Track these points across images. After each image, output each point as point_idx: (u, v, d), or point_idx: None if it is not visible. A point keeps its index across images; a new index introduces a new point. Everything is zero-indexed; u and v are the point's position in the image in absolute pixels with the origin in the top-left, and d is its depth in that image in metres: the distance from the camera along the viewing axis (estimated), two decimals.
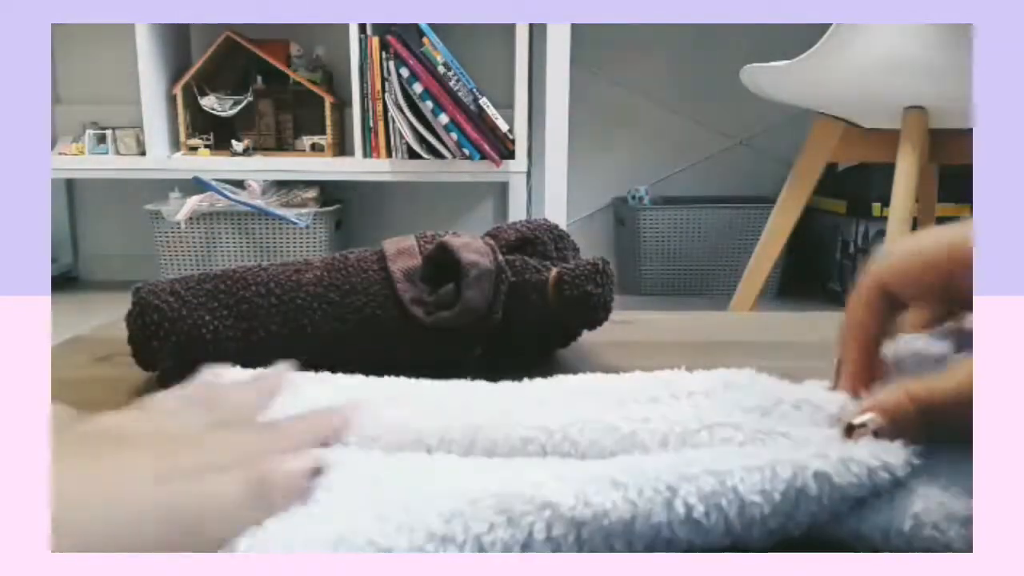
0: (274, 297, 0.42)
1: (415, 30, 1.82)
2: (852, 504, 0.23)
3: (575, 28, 1.80)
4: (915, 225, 1.48)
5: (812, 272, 2.16)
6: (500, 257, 0.43)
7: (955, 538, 0.23)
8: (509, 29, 1.82)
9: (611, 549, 0.22)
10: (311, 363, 0.37)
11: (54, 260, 2.22)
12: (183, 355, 0.41)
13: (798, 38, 1.42)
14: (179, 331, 0.41)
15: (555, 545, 0.22)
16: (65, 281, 2.25)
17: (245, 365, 0.38)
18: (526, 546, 0.21)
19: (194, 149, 1.94)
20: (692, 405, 0.30)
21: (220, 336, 0.41)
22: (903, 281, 0.29)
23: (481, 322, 0.42)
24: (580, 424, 0.28)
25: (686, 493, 0.22)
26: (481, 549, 0.21)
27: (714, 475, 0.23)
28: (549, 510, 0.22)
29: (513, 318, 0.43)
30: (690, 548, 0.23)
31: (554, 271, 0.43)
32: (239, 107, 1.97)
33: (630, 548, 0.22)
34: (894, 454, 0.24)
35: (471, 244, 0.43)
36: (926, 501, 0.23)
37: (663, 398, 0.31)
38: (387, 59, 1.80)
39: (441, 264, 0.43)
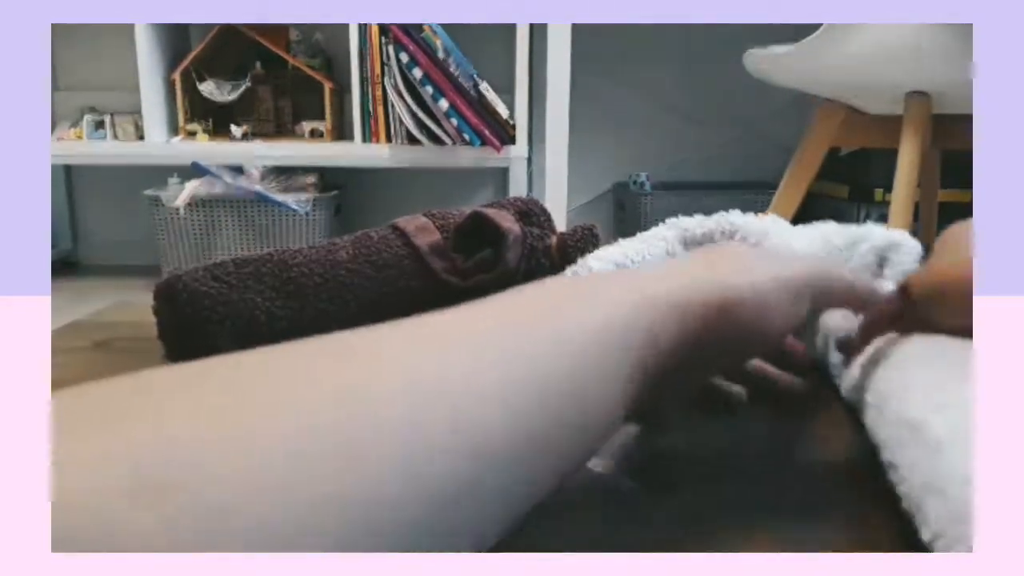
0: (317, 276, 0.44)
1: None
2: None
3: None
4: (917, 210, 1.48)
5: None
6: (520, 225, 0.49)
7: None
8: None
9: None
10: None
11: (53, 245, 2.22)
12: (239, 338, 0.41)
13: (800, 25, 1.41)
14: (234, 314, 0.42)
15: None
16: (64, 266, 2.25)
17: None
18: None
19: (193, 134, 1.94)
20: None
21: (273, 316, 0.42)
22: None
23: (506, 283, 0.45)
24: None
25: None
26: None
27: None
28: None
29: (526, 279, 0.46)
30: None
31: (555, 237, 0.50)
32: (238, 93, 1.96)
33: None
34: None
35: (501, 213, 0.49)
36: None
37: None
38: (386, 44, 1.79)
39: (468, 233, 0.47)
